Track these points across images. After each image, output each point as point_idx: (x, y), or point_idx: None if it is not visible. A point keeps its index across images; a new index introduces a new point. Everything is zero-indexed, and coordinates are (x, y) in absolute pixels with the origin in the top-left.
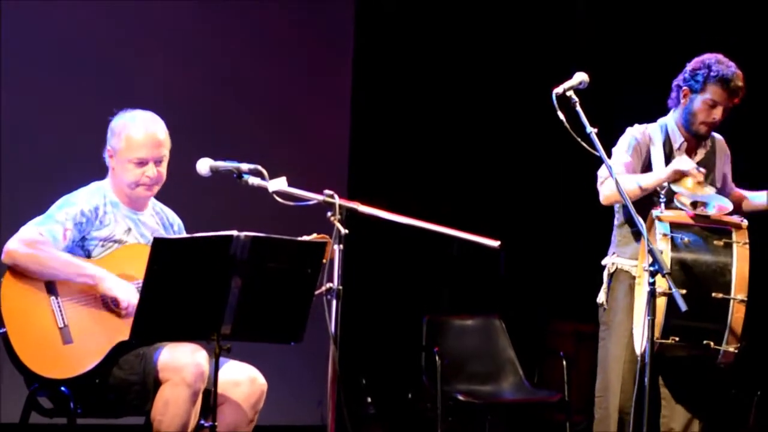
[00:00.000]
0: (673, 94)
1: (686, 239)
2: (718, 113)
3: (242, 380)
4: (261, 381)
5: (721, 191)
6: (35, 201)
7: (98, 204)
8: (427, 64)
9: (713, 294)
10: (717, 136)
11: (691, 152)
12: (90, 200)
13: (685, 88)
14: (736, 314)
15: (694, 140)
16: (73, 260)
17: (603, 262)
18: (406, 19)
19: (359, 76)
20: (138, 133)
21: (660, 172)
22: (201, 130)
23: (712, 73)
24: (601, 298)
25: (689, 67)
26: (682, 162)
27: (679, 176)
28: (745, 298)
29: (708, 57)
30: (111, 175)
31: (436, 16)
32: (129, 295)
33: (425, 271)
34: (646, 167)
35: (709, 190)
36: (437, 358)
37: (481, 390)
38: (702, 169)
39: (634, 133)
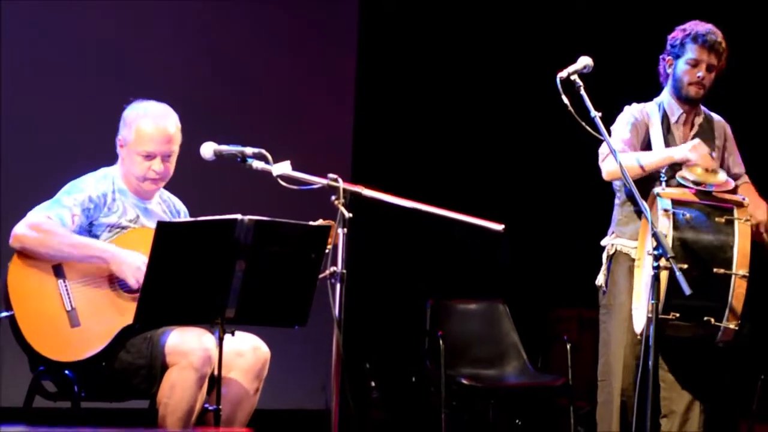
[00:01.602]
0: (660, 68)
1: (688, 215)
2: (702, 71)
3: (245, 350)
4: (264, 349)
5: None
6: (35, 200)
7: (106, 191)
8: (430, 50)
9: (714, 270)
10: (716, 117)
11: (688, 123)
12: (98, 186)
13: (668, 57)
14: (738, 290)
15: (690, 108)
16: (82, 241)
17: (602, 243)
18: (409, 4)
19: (363, 62)
20: (148, 126)
21: (663, 153)
22: (204, 120)
23: (686, 34)
24: (600, 280)
25: (669, 37)
26: (697, 149)
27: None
28: (747, 274)
29: (684, 24)
30: (120, 163)
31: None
32: (139, 274)
33: (429, 256)
34: (646, 147)
35: (722, 177)
36: (441, 342)
37: (485, 374)
38: (713, 155)
39: (632, 111)
